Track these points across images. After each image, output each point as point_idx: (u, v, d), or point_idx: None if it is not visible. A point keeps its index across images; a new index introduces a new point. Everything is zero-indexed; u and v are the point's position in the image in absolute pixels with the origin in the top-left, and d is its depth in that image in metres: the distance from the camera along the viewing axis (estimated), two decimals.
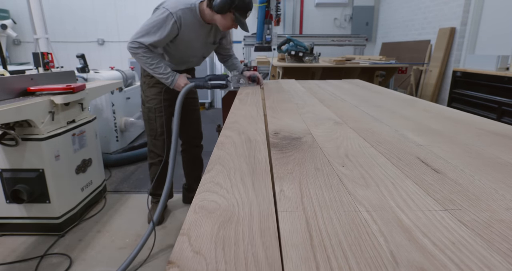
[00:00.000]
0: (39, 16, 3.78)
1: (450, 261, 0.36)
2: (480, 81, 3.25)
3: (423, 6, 5.07)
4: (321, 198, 0.51)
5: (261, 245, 0.38)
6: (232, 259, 0.35)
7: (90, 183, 2.27)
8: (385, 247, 0.38)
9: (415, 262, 0.36)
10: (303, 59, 3.65)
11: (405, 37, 5.58)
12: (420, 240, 0.40)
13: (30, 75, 1.90)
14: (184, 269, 0.34)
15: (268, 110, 1.17)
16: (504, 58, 3.07)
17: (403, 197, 0.52)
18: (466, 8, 4.13)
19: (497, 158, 0.69)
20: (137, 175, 2.94)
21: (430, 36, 4.88)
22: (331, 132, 0.89)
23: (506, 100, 2.91)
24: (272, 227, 0.42)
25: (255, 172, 0.61)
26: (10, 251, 1.83)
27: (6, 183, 1.85)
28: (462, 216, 0.46)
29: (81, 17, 6.52)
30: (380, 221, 0.44)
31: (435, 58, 4.58)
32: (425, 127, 0.95)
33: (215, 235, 0.40)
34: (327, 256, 0.36)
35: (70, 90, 1.92)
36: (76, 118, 2.15)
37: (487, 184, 0.57)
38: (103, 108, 3.27)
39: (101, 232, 2.02)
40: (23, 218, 1.94)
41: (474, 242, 0.39)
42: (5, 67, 2.40)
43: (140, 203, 2.42)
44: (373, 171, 0.62)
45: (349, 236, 0.41)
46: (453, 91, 3.69)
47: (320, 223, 0.44)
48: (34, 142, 1.81)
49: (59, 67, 3.16)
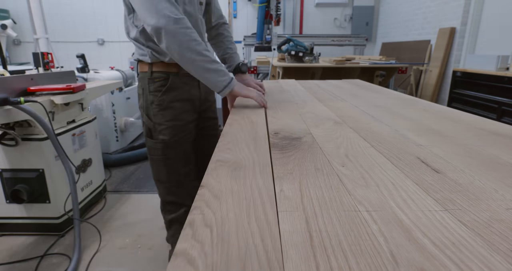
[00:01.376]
0: (39, 16, 3.78)
1: (450, 261, 0.36)
2: (480, 81, 3.25)
3: (423, 6, 5.08)
4: (321, 198, 0.51)
5: (260, 178, 0.58)
6: (241, 186, 0.55)
7: (90, 183, 2.27)
8: (385, 247, 0.38)
9: (415, 262, 0.36)
10: (303, 59, 3.65)
11: (405, 37, 5.59)
12: (420, 240, 0.40)
13: (30, 75, 1.90)
14: (210, 188, 0.54)
15: (268, 110, 1.17)
16: (504, 58, 3.08)
17: (403, 197, 0.52)
18: (466, 8, 4.13)
19: (497, 157, 0.69)
20: (137, 175, 2.94)
21: (430, 36, 4.88)
22: (331, 132, 0.89)
23: (506, 100, 2.91)
24: (268, 171, 0.61)
25: (256, 141, 0.79)
26: (10, 251, 1.83)
27: (6, 183, 1.85)
28: (462, 216, 0.46)
29: (81, 17, 6.52)
30: (380, 221, 0.44)
31: (435, 58, 4.58)
32: (425, 127, 0.95)
33: (230, 174, 0.59)
34: (327, 256, 0.36)
35: (70, 90, 1.92)
36: (76, 118, 2.15)
37: (487, 184, 0.56)
38: (103, 108, 3.27)
39: (101, 232, 2.02)
40: (23, 218, 1.94)
41: (474, 242, 0.39)
42: (5, 67, 2.40)
43: (140, 203, 2.42)
44: (373, 171, 0.62)
45: (349, 236, 0.41)
46: (453, 91, 3.70)
47: (320, 223, 0.44)
48: (34, 142, 1.81)
49: (59, 67, 3.16)
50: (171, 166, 1.32)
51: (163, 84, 1.25)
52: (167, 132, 1.27)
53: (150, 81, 1.25)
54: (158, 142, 1.28)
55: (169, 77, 1.25)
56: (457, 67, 4.28)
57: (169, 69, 1.25)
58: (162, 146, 1.28)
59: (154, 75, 1.25)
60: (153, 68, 1.25)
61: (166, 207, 1.43)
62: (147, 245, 1.90)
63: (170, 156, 1.30)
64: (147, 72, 1.25)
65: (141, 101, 1.30)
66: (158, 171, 1.34)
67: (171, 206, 1.41)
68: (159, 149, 1.29)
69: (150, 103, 1.26)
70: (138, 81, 1.32)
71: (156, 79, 1.25)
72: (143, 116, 1.31)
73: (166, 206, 1.43)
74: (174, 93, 1.26)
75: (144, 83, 1.27)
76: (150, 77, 1.25)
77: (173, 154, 1.30)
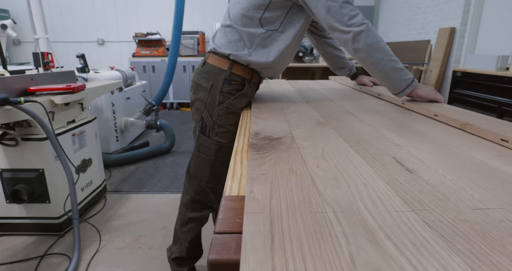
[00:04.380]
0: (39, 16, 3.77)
1: (408, 263, 0.36)
2: (480, 81, 3.25)
3: (423, 6, 5.07)
4: (290, 199, 0.50)
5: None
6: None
7: (90, 183, 2.27)
8: (346, 248, 0.38)
9: (373, 264, 0.35)
10: (303, 59, 3.65)
11: (405, 37, 5.58)
12: (381, 242, 0.39)
13: (30, 75, 1.90)
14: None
15: (253, 111, 1.15)
16: (504, 58, 3.08)
17: (372, 197, 0.51)
18: (466, 8, 4.13)
19: (473, 157, 0.69)
20: (137, 175, 2.94)
21: (430, 36, 4.88)
22: (312, 132, 0.88)
23: (506, 100, 2.91)
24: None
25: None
26: (10, 251, 1.83)
27: (6, 183, 1.85)
28: (427, 217, 0.45)
29: (81, 17, 6.52)
30: (345, 222, 0.44)
31: (435, 58, 4.58)
32: (406, 127, 0.95)
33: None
34: (285, 259, 0.36)
35: (70, 90, 1.92)
36: (76, 118, 2.15)
37: (458, 184, 0.56)
38: (103, 108, 3.27)
39: (101, 232, 2.02)
40: (23, 218, 1.94)
41: (436, 243, 0.39)
42: (5, 67, 2.40)
43: (140, 203, 2.42)
44: (347, 172, 0.61)
45: (311, 237, 0.40)
46: (453, 91, 3.70)
47: (284, 225, 0.43)
48: (34, 142, 1.81)
49: (59, 67, 3.16)
50: (217, 169, 1.30)
51: (238, 89, 1.22)
52: (225, 136, 1.25)
53: (226, 82, 1.21)
54: (213, 142, 1.26)
55: (245, 83, 1.23)
56: (457, 67, 4.28)
57: (245, 75, 1.23)
58: (216, 147, 1.26)
59: (232, 77, 1.21)
60: (233, 70, 1.20)
61: (192, 204, 1.40)
62: (147, 245, 1.90)
63: (220, 159, 1.28)
64: (226, 71, 1.20)
65: (203, 95, 1.24)
66: (201, 169, 1.31)
67: (197, 204, 1.40)
68: (212, 149, 1.27)
69: (218, 103, 1.22)
70: (204, 72, 1.25)
71: (233, 82, 1.21)
72: (203, 111, 1.24)
73: (192, 204, 1.40)
74: (243, 100, 1.25)
75: (217, 80, 1.21)
76: (227, 77, 1.20)
77: (223, 158, 1.28)
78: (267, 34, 1.18)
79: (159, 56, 6.09)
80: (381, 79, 1.18)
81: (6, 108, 1.56)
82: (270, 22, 1.17)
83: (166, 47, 6.19)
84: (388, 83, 1.17)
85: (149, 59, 6.03)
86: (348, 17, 1.07)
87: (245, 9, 1.16)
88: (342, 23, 1.08)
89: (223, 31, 1.23)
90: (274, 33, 1.18)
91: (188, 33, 6.13)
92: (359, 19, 1.08)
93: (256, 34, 1.17)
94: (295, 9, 1.17)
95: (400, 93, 1.18)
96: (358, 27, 1.07)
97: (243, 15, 1.17)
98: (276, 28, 1.17)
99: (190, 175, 1.37)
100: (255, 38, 1.18)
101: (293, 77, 3.81)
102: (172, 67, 3.43)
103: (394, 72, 1.13)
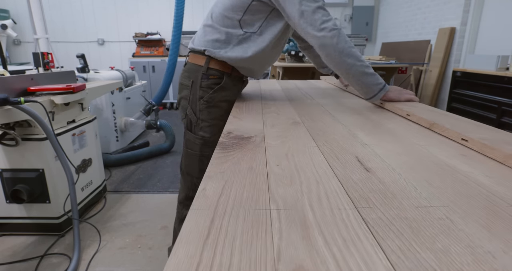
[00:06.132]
0: (39, 16, 3.77)
1: (332, 258, 0.36)
2: (480, 81, 3.25)
3: (423, 6, 5.07)
4: (239, 196, 0.51)
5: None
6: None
7: (90, 183, 2.28)
8: (276, 244, 0.38)
9: (297, 259, 0.36)
10: (303, 59, 3.65)
11: (405, 37, 5.58)
12: (313, 238, 0.40)
13: (30, 75, 1.90)
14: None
15: (234, 109, 1.16)
16: (504, 58, 3.08)
17: (320, 195, 0.51)
18: (466, 8, 4.13)
19: (435, 157, 0.69)
20: (137, 175, 2.94)
21: (430, 36, 4.88)
22: (284, 132, 0.88)
23: (506, 100, 2.91)
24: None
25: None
26: (10, 251, 1.83)
27: (6, 183, 1.85)
28: (369, 214, 0.46)
29: (81, 17, 6.52)
30: (284, 220, 0.44)
31: (435, 58, 4.58)
32: (379, 126, 0.95)
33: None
34: (213, 253, 0.36)
35: (70, 90, 1.92)
36: (76, 118, 2.15)
37: (410, 183, 0.56)
38: (103, 108, 3.27)
39: (101, 232, 2.02)
40: (23, 218, 1.94)
41: (366, 240, 0.39)
42: (5, 67, 2.40)
43: (140, 203, 2.42)
44: (304, 170, 0.61)
45: (246, 233, 0.40)
46: (453, 91, 3.69)
47: (224, 222, 0.43)
48: (34, 142, 1.81)
49: (59, 67, 3.16)
50: (204, 164, 1.31)
51: (217, 82, 1.25)
52: (208, 130, 1.28)
53: (204, 77, 1.24)
54: (198, 137, 1.29)
55: (223, 77, 1.25)
56: (457, 67, 4.28)
57: (224, 69, 1.25)
58: (201, 142, 1.29)
59: (210, 72, 1.24)
60: (210, 65, 1.24)
61: (187, 201, 1.41)
62: (147, 245, 1.90)
63: (206, 154, 1.30)
64: (203, 66, 1.24)
65: (186, 92, 1.28)
66: (191, 165, 1.34)
67: (192, 201, 1.37)
68: (197, 144, 1.30)
69: (199, 98, 1.26)
70: (185, 71, 1.30)
71: (211, 76, 1.25)
72: (187, 108, 1.29)
73: (188, 201, 1.40)
74: (223, 93, 1.27)
75: (196, 76, 1.25)
76: (205, 72, 1.24)
77: (209, 152, 1.28)
78: (245, 36, 1.20)
79: (159, 56, 6.09)
80: (354, 84, 1.19)
81: (6, 108, 1.56)
82: (249, 25, 1.19)
83: (166, 47, 6.20)
84: (361, 87, 1.18)
85: (149, 59, 6.03)
86: (320, 22, 1.09)
87: (226, 9, 1.19)
88: (314, 28, 1.09)
89: (203, 30, 1.26)
90: (252, 36, 1.21)
91: (188, 33, 6.12)
92: (331, 24, 1.10)
93: (234, 34, 1.20)
94: (275, 13, 1.19)
95: (373, 98, 1.20)
96: (329, 32, 1.09)
97: (224, 16, 1.20)
98: (254, 31, 1.20)
99: (183, 172, 1.39)
100: (233, 39, 1.21)
101: (293, 77, 3.81)
102: (172, 67, 3.43)
103: (366, 77, 1.15)
